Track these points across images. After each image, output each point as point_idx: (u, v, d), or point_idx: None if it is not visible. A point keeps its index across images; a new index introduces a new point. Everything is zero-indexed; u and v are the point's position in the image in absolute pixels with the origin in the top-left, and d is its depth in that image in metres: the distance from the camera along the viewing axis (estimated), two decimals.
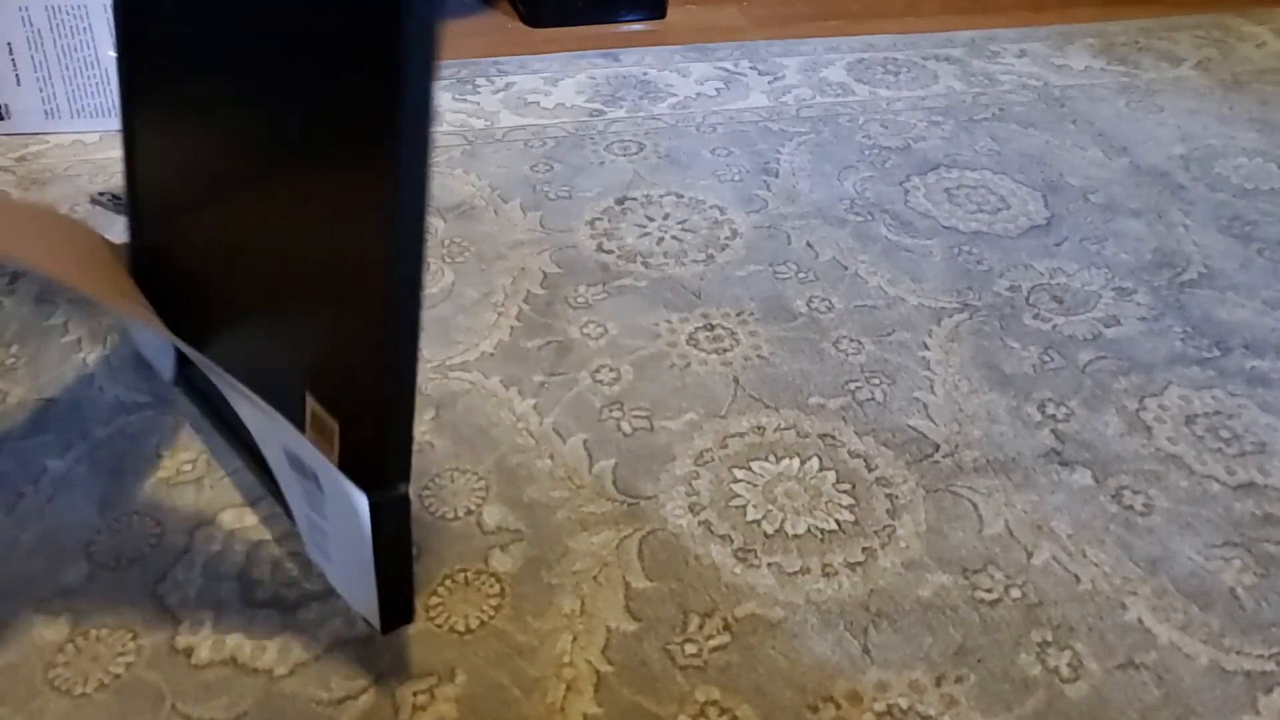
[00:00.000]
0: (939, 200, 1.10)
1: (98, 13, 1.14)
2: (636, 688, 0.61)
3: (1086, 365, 0.87)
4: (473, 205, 1.08)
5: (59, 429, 0.78)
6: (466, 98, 1.29)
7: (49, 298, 0.92)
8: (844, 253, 1.01)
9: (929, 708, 0.60)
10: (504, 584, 0.69)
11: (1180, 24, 1.55)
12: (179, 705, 0.61)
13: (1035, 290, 0.96)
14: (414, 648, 0.65)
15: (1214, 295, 0.96)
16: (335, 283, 0.59)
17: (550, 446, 0.79)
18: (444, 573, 0.70)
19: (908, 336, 0.90)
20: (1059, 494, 0.75)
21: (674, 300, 0.95)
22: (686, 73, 1.37)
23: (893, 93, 1.33)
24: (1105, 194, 1.12)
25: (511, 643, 0.65)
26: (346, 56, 0.58)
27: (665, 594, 0.69)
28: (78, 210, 1.03)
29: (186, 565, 0.68)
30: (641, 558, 0.71)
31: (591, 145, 1.19)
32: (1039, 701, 0.61)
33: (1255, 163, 1.19)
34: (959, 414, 0.82)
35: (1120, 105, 1.31)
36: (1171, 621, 0.66)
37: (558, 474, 0.77)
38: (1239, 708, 0.61)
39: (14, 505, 0.72)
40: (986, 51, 1.45)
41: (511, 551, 0.71)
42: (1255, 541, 0.72)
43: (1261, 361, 0.88)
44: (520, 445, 0.79)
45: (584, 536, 0.72)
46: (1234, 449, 0.79)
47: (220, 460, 0.76)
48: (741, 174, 1.14)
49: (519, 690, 0.63)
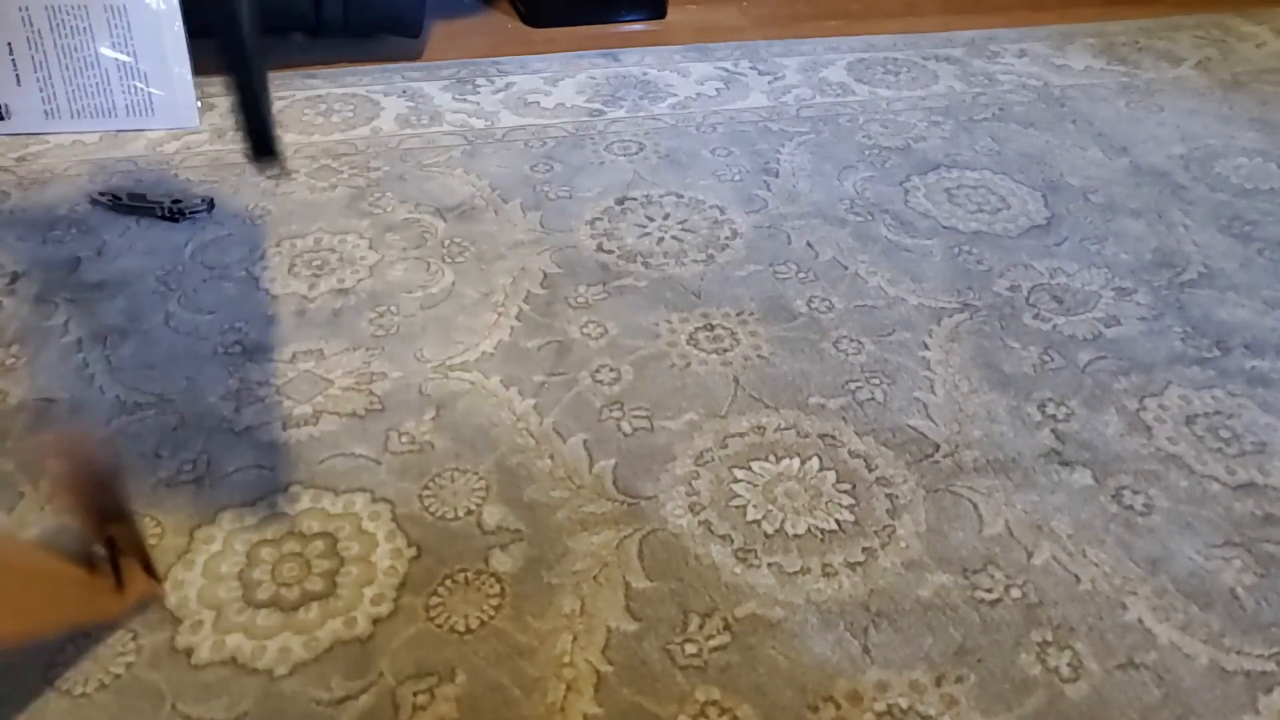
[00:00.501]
0: (939, 200, 1.10)
1: (98, 13, 1.14)
2: (636, 688, 0.61)
3: (1087, 365, 0.87)
4: (473, 205, 1.07)
5: (59, 429, 0.78)
6: (466, 98, 1.29)
7: (49, 298, 0.92)
8: (844, 253, 1.01)
9: (929, 708, 0.60)
10: (504, 584, 0.69)
11: (1180, 24, 1.55)
12: (179, 705, 0.61)
13: (1035, 290, 0.96)
14: (414, 648, 0.65)
15: (1214, 295, 0.96)
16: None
17: (550, 446, 0.79)
18: (444, 573, 0.70)
19: (908, 336, 0.90)
20: (1059, 494, 0.75)
21: (674, 300, 0.95)
22: (686, 73, 1.37)
23: (893, 93, 1.33)
24: (1105, 194, 1.12)
25: (511, 643, 0.65)
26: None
27: (665, 594, 0.69)
28: (78, 210, 1.03)
29: (186, 565, 0.68)
30: (642, 558, 0.71)
31: (591, 145, 1.19)
32: (1039, 701, 0.61)
33: (1255, 162, 1.19)
34: (959, 414, 0.82)
35: (1120, 105, 1.31)
36: (1171, 621, 0.66)
37: (558, 474, 0.77)
38: (1239, 707, 0.61)
39: (14, 505, 0.72)
40: (986, 51, 1.45)
41: (511, 551, 0.71)
42: (1255, 541, 0.72)
43: (1261, 361, 0.88)
44: (520, 445, 0.79)
45: (584, 536, 0.72)
46: (1234, 449, 0.79)
47: (220, 460, 0.76)
48: (741, 174, 1.14)
49: (519, 690, 0.63)
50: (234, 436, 0.78)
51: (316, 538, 0.70)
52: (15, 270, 0.95)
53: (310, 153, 1.16)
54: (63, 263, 0.96)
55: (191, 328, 0.89)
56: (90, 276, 0.94)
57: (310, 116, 1.23)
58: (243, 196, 1.08)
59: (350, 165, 1.14)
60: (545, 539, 0.72)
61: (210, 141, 1.18)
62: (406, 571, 0.69)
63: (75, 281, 0.94)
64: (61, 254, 0.97)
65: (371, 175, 1.12)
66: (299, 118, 1.23)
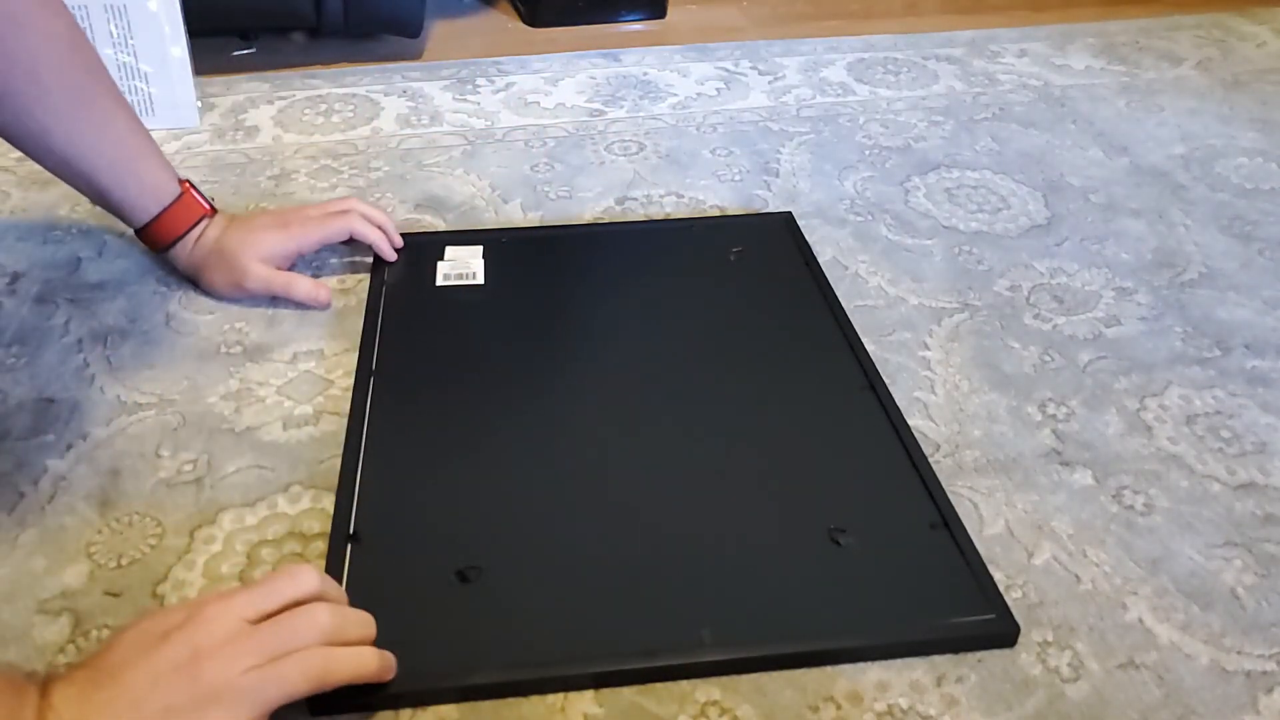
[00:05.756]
0: (939, 200, 1.10)
1: (98, 13, 1.14)
2: (637, 687, 0.61)
3: (1087, 365, 0.87)
4: (473, 205, 1.07)
5: (59, 429, 0.78)
6: (467, 98, 1.29)
7: (49, 298, 0.92)
8: (844, 252, 1.01)
9: (929, 708, 0.60)
10: None
11: (1180, 24, 1.55)
12: None
13: (1036, 290, 0.96)
14: None
15: (1214, 295, 0.96)
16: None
17: None
18: None
19: (908, 336, 0.90)
20: (1059, 494, 0.75)
21: None
22: (687, 73, 1.37)
23: (893, 92, 1.33)
24: (1105, 194, 1.12)
25: None
26: None
27: None
28: (78, 210, 1.03)
29: (187, 565, 0.68)
30: None
31: (592, 145, 1.19)
32: (1039, 701, 0.61)
33: (1256, 162, 1.19)
34: (959, 414, 0.82)
35: (1120, 105, 1.31)
36: (1172, 621, 0.66)
37: None
38: (1239, 708, 0.61)
39: (14, 505, 0.72)
40: (987, 51, 1.45)
41: None
42: (1256, 541, 0.72)
43: (1262, 361, 0.88)
44: None
45: None
46: (1234, 449, 0.79)
47: (220, 460, 0.76)
48: (742, 174, 1.14)
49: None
50: (234, 436, 0.78)
51: (317, 538, 0.70)
52: (15, 270, 0.95)
53: (310, 153, 1.16)
54: (63, 263, 0.96)
55: (192, 328, 0.89)
56: (90, 276, 0.94)
57: (310, 116, 1.23)
58: (243, 196, 1.08)
59: (351, 165, 1.14)
60: None
61: (210, 141, 1.18)
62: None
63: (75, 281, 0.94)
64: (61, 254, 0.97)
65: (372, 175, 1.12)
66: (299, 118, 1.23)
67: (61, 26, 0.79)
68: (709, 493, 0.72)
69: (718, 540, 0.69)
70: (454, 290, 0.92)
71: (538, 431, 0.77)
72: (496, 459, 0.75)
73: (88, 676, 0.52)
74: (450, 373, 0.83)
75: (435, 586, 0.65)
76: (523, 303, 0.91)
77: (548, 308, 0.90)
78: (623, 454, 0.75)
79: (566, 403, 0.80)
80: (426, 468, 0.74)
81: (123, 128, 0.85)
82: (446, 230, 1.03)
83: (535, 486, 0.73)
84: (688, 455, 0.75)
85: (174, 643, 0.53)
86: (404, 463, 0.74)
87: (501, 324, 0.88)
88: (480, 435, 0.77)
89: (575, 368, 0.84)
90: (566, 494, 0.72)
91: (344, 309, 0.91)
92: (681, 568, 0.67)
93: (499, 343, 0.86)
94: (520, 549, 0.68)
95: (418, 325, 0.88)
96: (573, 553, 0.68)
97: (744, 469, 0.74)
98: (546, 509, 0.71)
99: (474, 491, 0.72)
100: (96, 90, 0.83)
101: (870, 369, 0.83)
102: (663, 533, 0.69)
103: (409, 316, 0.89)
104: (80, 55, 0.81)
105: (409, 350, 0.85)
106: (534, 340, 0.86)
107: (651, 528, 0.69)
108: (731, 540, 0.69)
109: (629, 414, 0.79)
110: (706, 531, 0.69)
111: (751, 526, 0.70)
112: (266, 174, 1.12)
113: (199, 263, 0.90)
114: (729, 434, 0.77)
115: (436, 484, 0.73)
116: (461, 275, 0.94)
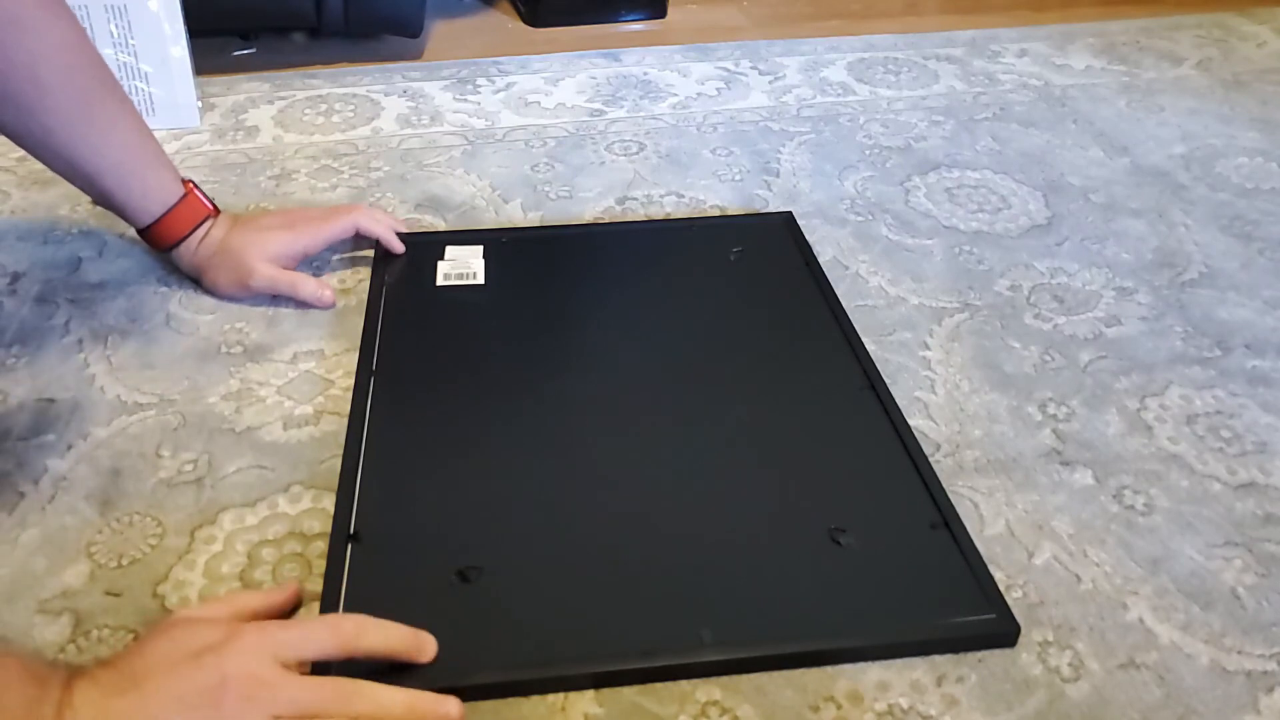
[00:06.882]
0: (940, 200, 1.10)
1: (98, 13, 1.14)
2: (637, 687, 0.61)
3: (1087, 365, 0.87)
4: (473, 205, 1.07)
5: (59, 429, 0.78)
6: (467, 98, 1.29)
7: (49, 298, 0.92)
8: (844, 252, 1.01)
9: (929, 708, 0.60)
10: None
11: (1181, 24, 1.55)
12: None
13: (1036, 290, 0.96)
14: None
15: (1215, 295, 0.96)
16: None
17: None
18: None
19: (908, 336, 0.90)
20: (1060, 494, 0.75)
21: None
22: (687, 73, 1.37)
23: (893, 92, 1.33)
24: (1106, 194, 1.12)
25: None
26: None
27: None
28: (79, 210, 1.03)
29: (187, 565, 0.68)
30: None
31: (592, 145, 1.19)
32: (1039, 701, 0.61)
33: (1256, 162, 1.19)
34: (960, 414, 0.82)
35: (1121, 105, 1.31)
36: (1172, 621, 0.66)
37: None
38: (1240, 707, 0.61)
39: (14, 505, 0.72)
40: (987, 51, 1.45)
41: None
42: (1256, 541, 0.72)
43: (1262, 361, 0.88)
44: None
45: None
46: (1235, 449, 0.79)
47: (221, 460, 0.76)
48: (742, 174, 1.14)
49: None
50: (235, 436, 0.78)
51: (317, 538, 0.70)
52: (15, 270, 0.95)
53: (311, 153, 1.16)
54: (63, 263, 0.96)
55: (192, 328, 0.89)
56: (91, 276, 0.94)
57: (310, 116, 1.23)
58: (243, 196, 1.08)
59: (351, 165, 1.14)
60: None
61: (211, 141, 1.18)
62: None
63: (76, 281, 0.94)
64: (62, 254, 0.97)
65: (372, 175, 1.12)
66: (299, 118, 1.23)
67: (64, 29, 0.79)
68: (709, 492, 0.72)
69: (718, 540, 0.69)
70: (454, 290, 0.92)
71: (538, 431, 0.77)
72: (497, 459, 0.75)
73: (112, 680, 0.52)
74: (450, 373, 0.83)
75: (435, 586, 0.65)
76: (523, 303, 0.91)
77: (548, 308, 0.90)
78: (623, 454, 0.75)
79: (567, 402, 0.80)
80: (427, 468, 0.74)
81: (126, 130, 0.85)
82: (447, 230, 1.03)
83: (535, 486, 0.73)
84: (688, 455, 0.75)
85: (205, 666, 0.52)
86: (404, 463, 0.74)
87: (502, 324, 0.88)
88: (480, 435, 0.77)
89: (576, 367, 0.84)
90: (567, 494, 0.72)
91: (344, 309, 0.91)
92: (681, 568, 0.67)
93: (499, 343, 0.86)
94: (520, 549, 0.68)
95: (418, 325, 0.88)
96: (573, 552, 0.68)
97: (744, 469, 0.74)
98: (546, 509, 0.71)
99: (474, 491, 0.72)
100: (99, 92, 0.83)
101: (870, 369, 0.83)
102: (663, 532, 0.69)
103: (409, 316, 0.89)
104: (83, 57, 0.81)
105: (409, 350, 0.85)
106: (534, 340, 0.86)
107: (651, 527, 0.70)
108: (732, 540, 0.69)
109: (629, 414, 0.79)
110: (706, 531, 0.69)
111: (752, 526, 0.70)
112: (267, 174, 1.12)
113: (203, 263, 0.90)
114: (729, 434, 0.77)
115: (437, 484, 0.73)
116: (462, 275, 0.94)
